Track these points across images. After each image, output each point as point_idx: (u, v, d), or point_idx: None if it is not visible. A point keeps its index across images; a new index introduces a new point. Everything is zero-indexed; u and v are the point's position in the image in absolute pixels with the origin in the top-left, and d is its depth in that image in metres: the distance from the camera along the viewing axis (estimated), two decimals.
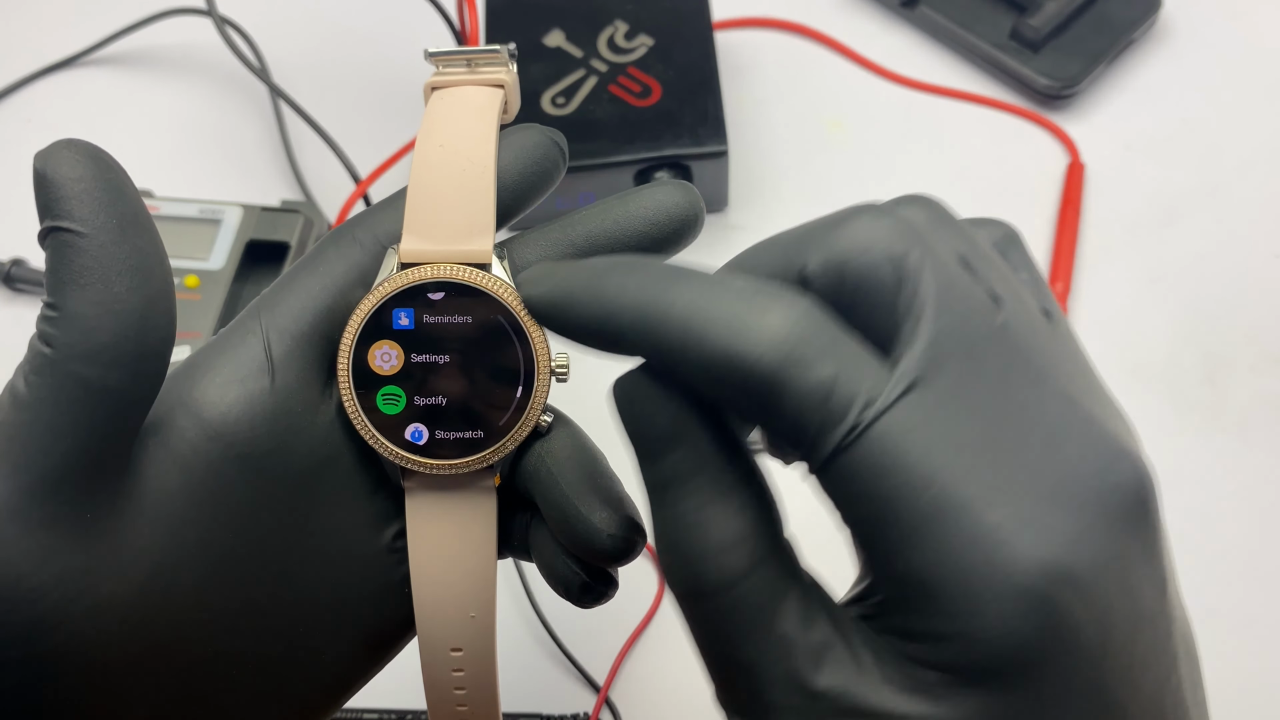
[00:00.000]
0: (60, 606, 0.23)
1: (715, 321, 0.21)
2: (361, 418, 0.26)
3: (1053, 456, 0.21)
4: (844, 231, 0.22)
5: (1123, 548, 0.21)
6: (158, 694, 0.25)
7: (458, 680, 0.28)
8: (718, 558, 0.22)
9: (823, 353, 0.21)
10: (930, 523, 0.20)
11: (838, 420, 0.21)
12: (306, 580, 0.26)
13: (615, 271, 0.23)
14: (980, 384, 0.21)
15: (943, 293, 0.22)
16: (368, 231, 0.27)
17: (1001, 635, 0.20)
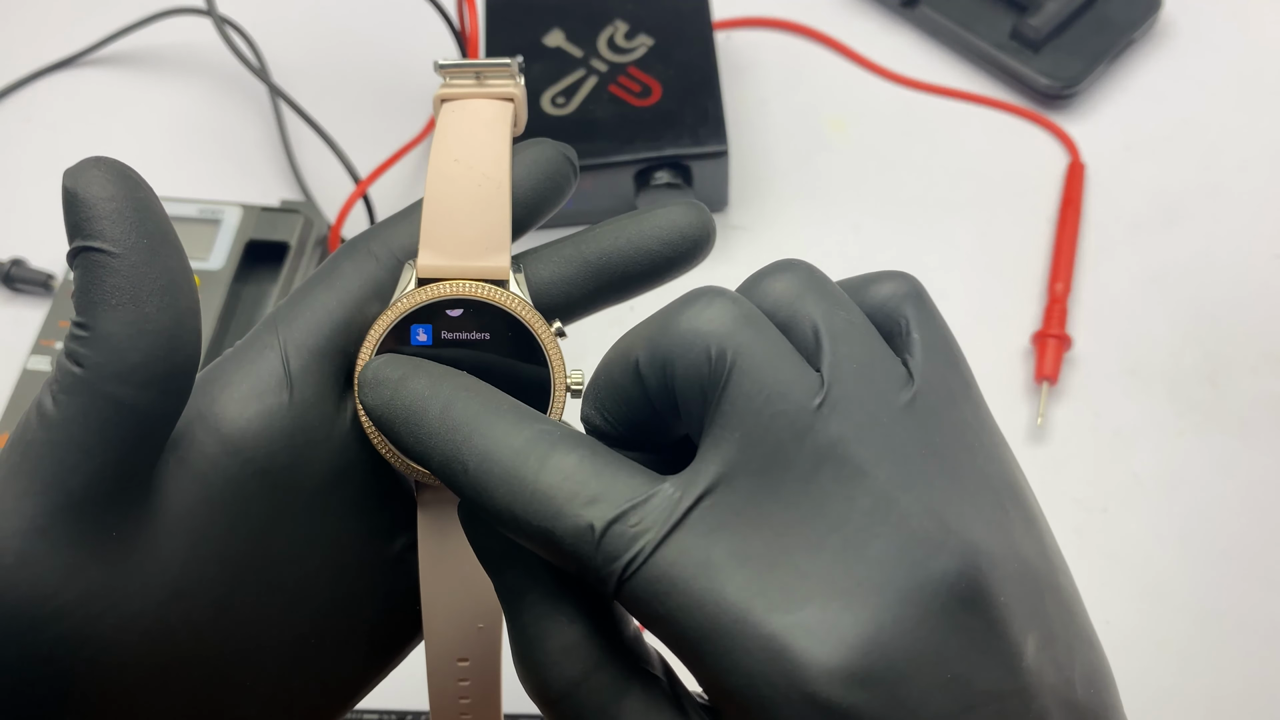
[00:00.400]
0: (85, 624, 0.23)
1: (499, 479, 0.23)
2: (379, 433, 0.26)
3: (853, 556, 0.21)
4: (670, 328, 0.23)
5: (937, 641, 0.21)
6: (175, 706, 0.25)
7: (463, 690, 0.28)
8: (555, 666, 0.23)
9: (592, 501, 0.22)
10: (712, 637, 0.21)
11: (613, 558, 0.22)
12: (319, 591, 0.27)
13: (431, 406, 0.24)
14: (779, 491, 0.22)
15: (752, 395, 0.22)
16: (383, 245, 0.27)
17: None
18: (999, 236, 0.59)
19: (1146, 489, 0.51)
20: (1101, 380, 0.54)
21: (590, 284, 0.28)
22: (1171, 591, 0.49)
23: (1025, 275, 0.58)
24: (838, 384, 0.23)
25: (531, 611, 0.24)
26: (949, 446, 0.23)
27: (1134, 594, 0.49)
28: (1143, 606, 0.49)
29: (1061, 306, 0.55)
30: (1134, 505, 0.51)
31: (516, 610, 0.24)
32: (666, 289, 0.30)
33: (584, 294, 0.28)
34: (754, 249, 0.59)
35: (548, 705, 0.24)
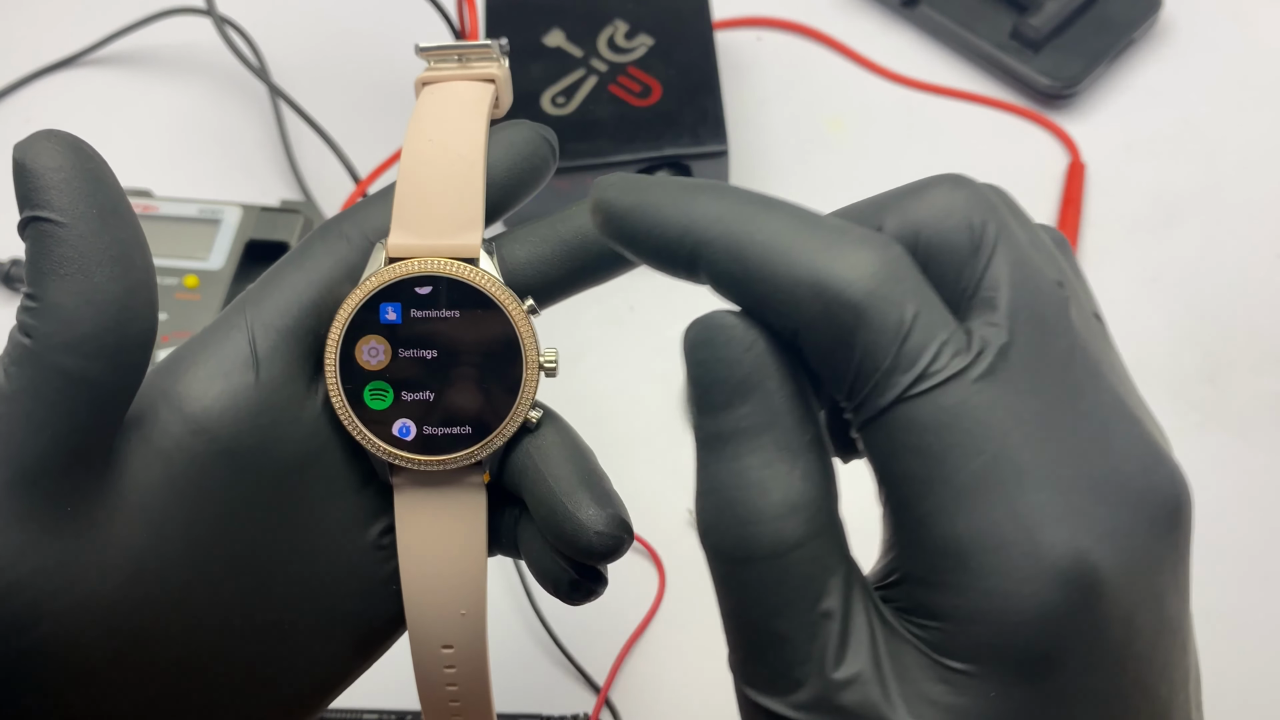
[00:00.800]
0: (40, 601, 0.23)
1: (805, 247, 0.21)
2: (349, 413, 0.26)
3: (1101, 450, 0.21)
4: (924, 197, 0.22)
5: (1156, 553, 0.21)
6: (142, 691, 0.25)
7: (449, 677, 0.28)
8: (776, 521, 0.21)
9: (908, 294, 0.21)
10: (978, 489, 0.20)
11: (909, 365, 0.20)
12: (292, 576, 0.26)
13: (702, 191, 0.22)
14: (1044, 364, 0.21)
15: (1017, 269, 0.21)
16: (355, 227, 0.27)
17: (1030, 619, 0.20)
18: None
19: None
20: None
21: (567, 264, 0.28)
22: None
23: None
24: (1066, 283, 0.22)
25: (761, 454, 0.21)
26: (1131, 384, 0.23)
27: None
28: None
29: None
30: None
31: (739, 451, 0.22)
32: (665, 292, 0.30)
33: (561, 274, 0.28)
34: None
35: (745, 563, 0.21)
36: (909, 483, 0.21)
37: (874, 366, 0.21)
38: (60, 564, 0.23)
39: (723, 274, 0.22)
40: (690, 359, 0.22)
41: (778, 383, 0.22)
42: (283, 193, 0.63)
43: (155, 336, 0.24)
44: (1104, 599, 0.20)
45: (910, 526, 0.21)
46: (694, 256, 0.22)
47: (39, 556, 0.23)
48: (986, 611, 0.20)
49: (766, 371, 0.22)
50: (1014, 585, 0.20)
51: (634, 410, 0.54)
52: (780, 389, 0.22)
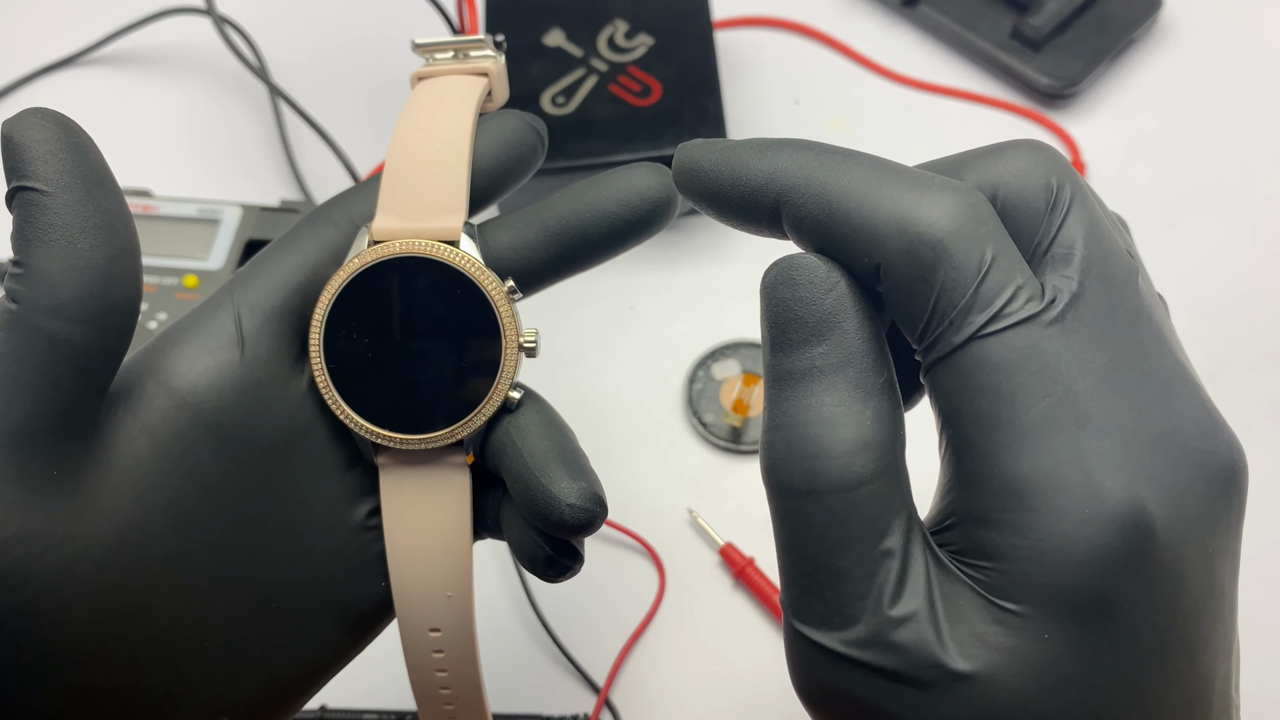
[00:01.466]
0: (25, 563, 0.23)
1: (890, 190, 0.22)
2: (332, 392, 0.27)
3: (1164, 407, 0.21)
4: (1005, 157, 0.23)
5: (1211, 514, 0.21)
6: (128, 661, 0.25)
7: (439, 662, 0.28)
8: (846, 457, 0.21)
9: (988, 237, 0.21)
10: (1041, 432, 0.20)
11: (985, 305, 0.21)
12: (279, 553, 0.27)
13: (787, 145, 0.23)
14: (1114, 319, 0.22)
15: (1091, 230, 0.22)
16: (343, 212, 0.28)
17: (1085, 562, 0.20)
18: None
19: None
20: None
21: (550, 249, 0.28)
22: None
23: None
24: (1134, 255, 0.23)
25: (835, 393, 0.22)
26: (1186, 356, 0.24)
27: None
28: None
29: None
30: None
31: (815, 386, 0.22)
32: (665, 291, 0.30)
33: (545, 259, 0.28)
34: (754, 248, 0.59)
35: (811, 496, 0.22)
36: (976, 421, 0.21)
37: (951, 304, 0.21)
38: (47, 527, 0.23)
39: (806, 218, 0.23)
40: (770, 296, 0.23)
41: (856, 324, 0.22)
42: (282, 193, 0.63)
43: (139, 303, 0.25)
44: (1157, 550, 0.20)
45: (973, 465, 0.21)
46: (778, 203, 0.23)
47: (26, 518, 0.23)
48: (1044, 552, 0.20)
49: (846, 312, 0.22)
50: (1072, 527, 0.20)
51: (634, 410, 0.54)
52: (858, 330, 0.22)
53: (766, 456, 0.22)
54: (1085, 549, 0.20)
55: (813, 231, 0.23)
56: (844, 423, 0.22)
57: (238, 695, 0.26)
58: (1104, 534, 0.20)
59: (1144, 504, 0.20)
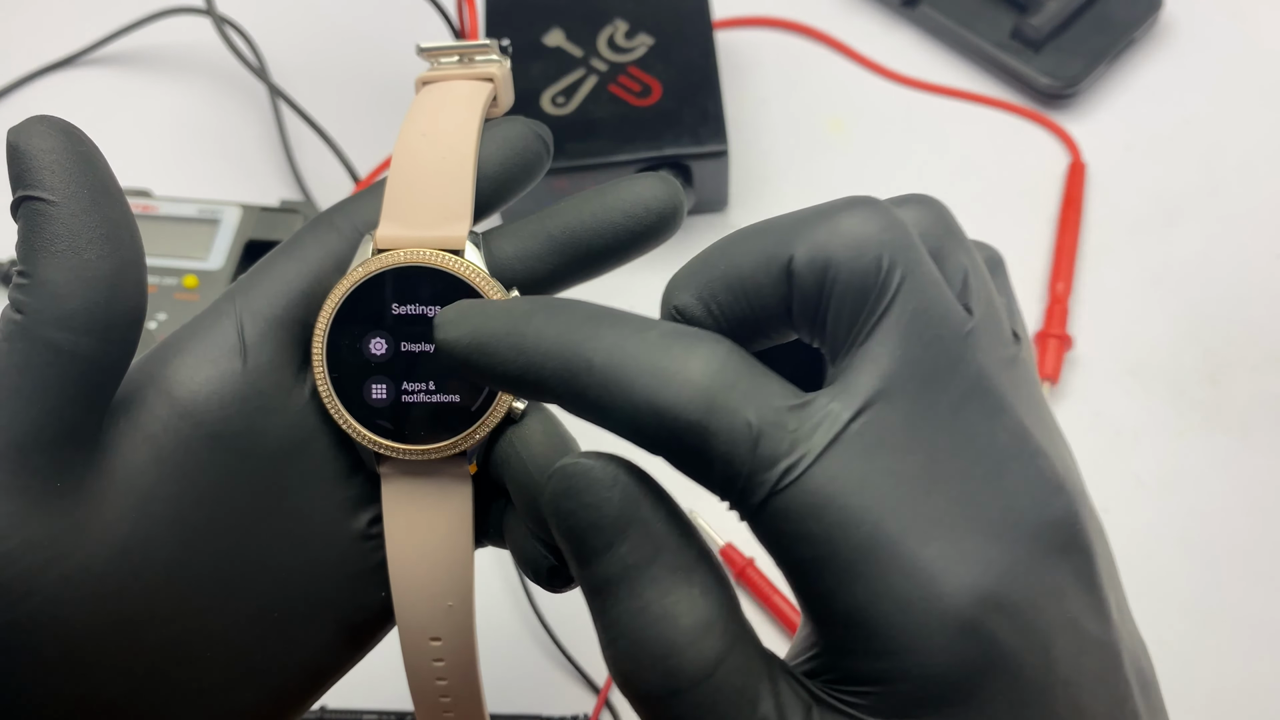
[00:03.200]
0: (29, 574, 0.23)
1: (637, 371, 0.21)
2: (335, 402, 0.27)
3: (995, 489, 0.21)
4: (836, 229, 0.22)
5: (1060, 580, 0.21)
6: (130, 671, 0.25)
7: (439, 670, 0.28)
8: (693, 646, 0.21)
9: (746, 397, 0.21)
10: (866, 558, 0.20)
11: (769, 464, 0.20)
12: (279, 563, 0.26)
13: (536, 316, 0.22)
14: (933, 413, 0.21)
15: (917, 316, 0.21)
16: (346, 219, 0.28)
17: (946, 669, 0.20)
18: (999, 236, 0.59)
19: (1146, 489, 0.51)
20: (1102, 380, 0.54)
21: (555, 259, 0.28)
22: (1171, 591, 0.49)
23: (1026, 275, 0.58)
24: (981, 321, 0.22)
25: (657, 586, 0.21)
26: (1041, 405, 0.24)
27: (1134, 594, 0.49)
28: (1143, 606, 0.49)
29: (1062, 306, 0.55)
30: (1134, 505, 0.51)
31: (635, 588, 0.21)
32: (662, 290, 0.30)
33: (549, 269, 0.28)
34: None
35: (676, 696, 0.21)
36: (803, 566, 0.21)
37: (735, 473, 0.21)
38: (50, 538, 0.23)
39: (572, 408, 0.22)
40: (556, 512, 0.22)
41: (652, 508, 0.22)
42: (282, 193, 0.63)
43: (145, 314, 0.24)
44: (1013, 636, 0.20)
45: (816, 605, 0.21)
46: (540, 393, 0.22)
47: (30, 529, 0.23)
48: (905, 670, 0.20)
49: (637, 502, 0.22)
50: (923, 640, 0.20)
51: None
52: (656, 514, 0.22)
53: (617, 671, 0.22)
54: (942, 658, 0.20)
55: (587, 419, 0.22)
56: (678, 611, 0.21)
57: (238, 704, 0.26)
58: (955, 638, 0.20)
59: (988, 596, 0.20)
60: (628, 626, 0.21)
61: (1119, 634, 0.22)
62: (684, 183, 0.57)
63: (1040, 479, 0.21)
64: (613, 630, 0.22)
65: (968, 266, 0.23)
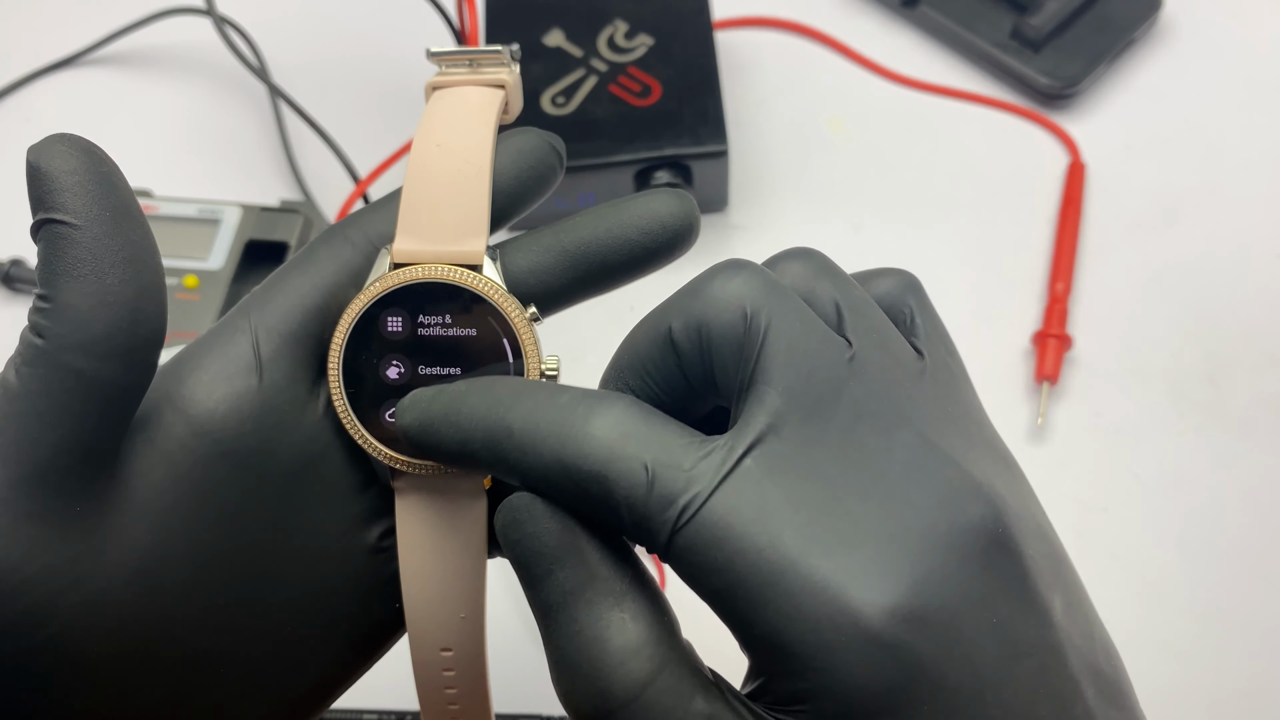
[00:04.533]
0: (50, 599, 0.23)
1: (546, 432, 0.23)
2: (351, 417, 0.26)
3: (897, 503, 0.22)
4: (702, 293, 0.24)
5: (981, 586, 0.21)
6: (146, 691, 0.25)
7: (448, 680, 0.28)
8: (621, 667, 0.22)
9: (642, 445, 0.22)
10: (772, 582, 0.21)
11: (667, 504, 0.21)
12: (293, 578, 0.26)
13: (470, 396, 0.24)
14: (824, 440, 0.22)
15: (790, 351, 0.23)
16: (360, 231, 0.27)
17: (863, 683, 0.20)
18: (999, 236, 0.59)
19: (1146, 489, 0.51)
20: (1101, 380, 0.54)
21: (569, 274, 0.28)
22: (1171, 591, 0.49)
23: (1025, 275, 0.58)
24: (862, 349, 0.23)
25: (590, 611, 0.23)
26: (960, 417, 0.24)
27: (1134, 594, 0.49)
28: (1143, 606, 0.49)
29: (1062, 306, 0.55)
30: (1134, 505, 0.51)
31: (571, 613, 0.23)
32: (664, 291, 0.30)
33: (563, 284, 0.28)
34: (754, 249, 0.59)
35: (606, 716, 0.22)
36: (718, 596, 0.22)
37: (639, 516, 0.22)
38: (69, 562, 0.23)
39: (498, 473, 0.24)
40: (505, 541, 0.24)
41: (586, 538, 0.23)
42: (282, 193, 0.63)
43: (164, 336, 0.24)
44: (930, 646, 0.20)
45: (738, 632, 0.22)
46: (474, 463, 0.24)
47: (49, 554, 0.23)
48: (827, 688, 0.20)
49: (574, 532, 0.23)
50: (838, 657, 0.20)
51: None
52: (589, 543, 0.23)
53: (559, 690, 0.23)
54: (858, 673, 0.20)
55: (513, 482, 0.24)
56: (607, 635, 0.22)
57: (251, 717, 0.27)
58: (869, 653, 0.20)
59: (898, 609, 0.20)
60: (565, 648, 0.23)
61: (1062, 635, 0.22)
62: (684, 183, 0.57)
63: (949, 488, 0.22)
64: (554, 652, 0.23)
65: (840, 302, 0.24)
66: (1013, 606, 0.22)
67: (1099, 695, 0.23)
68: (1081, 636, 0.23)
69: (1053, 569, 0.23)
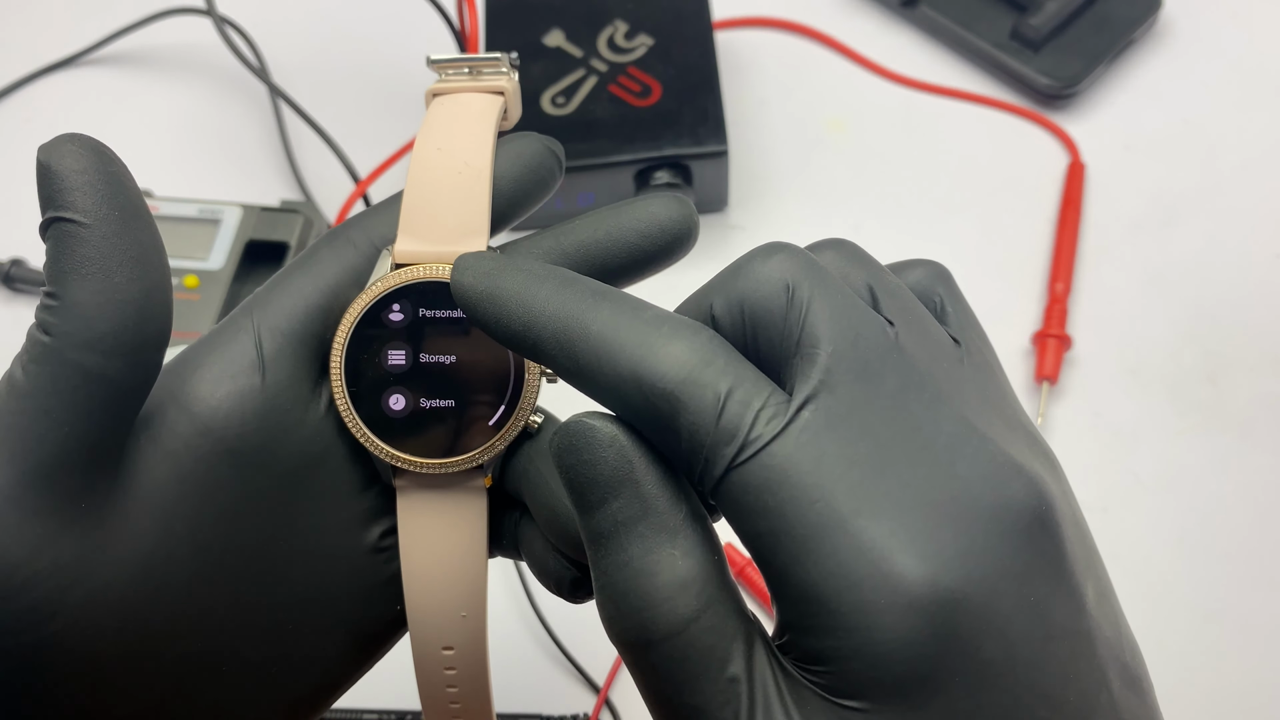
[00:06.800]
0: (55, 595, 0.23)
1: (626, 343, 0.22)
2: (353, 416, 0.27)
3: (944, 474, 0.22)
4: (743, 271, 0.24)
5: (1021, 564, 0.21)
6: (149, 689, 0.25)
7: (450, 679, 0.28)
8: (668, 602, 0.22)
9: (719, 375, 0.22)
10: (819, 535, 0.21)
11: (730, 438, 0.21)
12: (295, 577, 0.27)
13: (546, 283, 0.24)
14: (874, 403, 0.22)
15: (835, 319, 0.23)
16: (362, 233, 0.28)
17: (897, 648, 0.20)
18: (999, 236, 0.59)
19: (1146, 489, 0.51)
20: (1101, 380, 0.54)
21: None
22: (1171, 591, 0.49)
23: (1025, 275, 0.58)
24: (903, 329, 0.23)
25: (642, 543, 0.22)
26: (999, 401, 0.24)
27: (1134, 594, 0.49)
28: (1143, 606, 0.49)
29: (1061, 306, 0.55)
30: (1134, 505, 0.51)
31: (622, 542, 0.22)
32: (664, 291, 0.30)
33: None
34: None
35: (649, 646, 0.22)
36: (760, 540, 0.22)
37: (700, 444, 0.22)
38: (76, 559, 0.23)
39: (561, 370, 0.23)
40: (560, 466, 0.23)
41: (644, 470, 0.23)
42: (283, 193, 0.63)
43: (170, 335, 0.24)
44: (968, 618, 0.20)
45: (774, 581, 0.22)
46: (536, 352, 0.23)
47: (55, 551, 0.23)
48: (858, 648, 0.20)
49: (632, 462, 0.23)
50: (875, 619, 0.20)
51: None
52: (647, 475, 0.23)
53: (604, 617, 0.23)
54: (894, 637, 0.20)
55: (572, 383, 0.23)
56: (656, 569, 0.22)
57: (252, 716, 0.27)
58: (907, 618, 0.20)
59: (938, 578, 0.20)
60: (613, 576, 0.23)
61: (1094, 624, 0.22)
62: (684, 183, 0.57)
63: (993, 463, 0.22)
64: (600, 579, 0.23)
65: (874, 286, 0.24)
66: (1050, 588, 0.22)
67: (1127, 690, 0.23)
68: (1110, 628, 0.23)
69: (1087, 558, 0.23)
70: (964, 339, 0.25)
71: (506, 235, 0.29)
